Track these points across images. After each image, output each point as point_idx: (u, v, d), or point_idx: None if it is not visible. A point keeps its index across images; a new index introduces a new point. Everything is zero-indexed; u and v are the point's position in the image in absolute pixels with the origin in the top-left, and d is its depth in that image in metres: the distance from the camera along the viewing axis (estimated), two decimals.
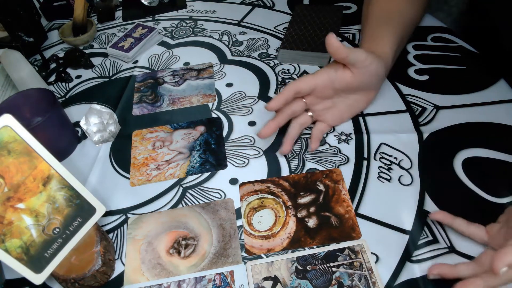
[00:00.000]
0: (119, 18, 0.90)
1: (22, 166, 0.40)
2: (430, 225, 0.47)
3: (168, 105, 0.67)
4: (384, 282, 0.43)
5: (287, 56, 0.71)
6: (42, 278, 0.41)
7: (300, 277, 0.44)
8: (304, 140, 0.58)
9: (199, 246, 0.49)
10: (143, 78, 0.74)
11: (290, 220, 0.50)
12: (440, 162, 0.53)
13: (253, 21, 0.83)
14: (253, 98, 0.66)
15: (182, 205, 0.53)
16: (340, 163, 0.55)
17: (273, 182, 0.54)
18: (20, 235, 0.40)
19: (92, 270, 0.44)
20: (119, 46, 0.78)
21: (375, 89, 0.58)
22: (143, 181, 0.57)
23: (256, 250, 0.47)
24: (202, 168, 0.57)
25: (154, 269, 0.47)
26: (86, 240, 0.46)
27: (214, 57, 0.75)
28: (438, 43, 0.69)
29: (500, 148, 0.53)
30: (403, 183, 0.51)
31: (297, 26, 0.74)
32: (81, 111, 0.67)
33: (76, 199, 0.44)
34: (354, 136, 0.58)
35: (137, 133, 0.63)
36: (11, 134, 0.39)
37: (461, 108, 0.59)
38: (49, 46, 0.85)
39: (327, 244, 0.47)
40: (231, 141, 0.60)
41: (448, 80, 0.63)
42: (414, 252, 0.45)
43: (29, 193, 0.40)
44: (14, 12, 0.77)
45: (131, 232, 0.51)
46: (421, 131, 0.57)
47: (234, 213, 0.51)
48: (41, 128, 0.54)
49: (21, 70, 0.67)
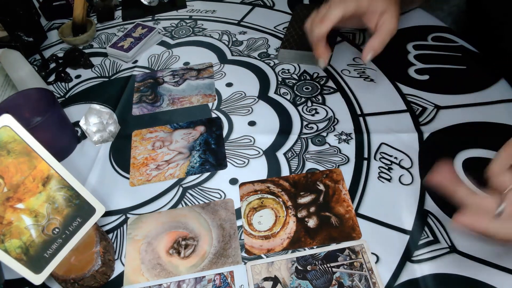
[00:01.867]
0: (119, 18, 0.90)
1: (21, 166, 0.40)
2: (430, 225, 0.47)
3: (168, 105, 0.67)
4: (384, 282, 0.43)
5: (287, 56, 0.71)
6: (42, 278, 0.41)
7: (300, 277, 0.44)
8: (304, 140, 0.58)
9: (199, 246, 0.49)
10: (143, 78, 0.73)
11: (290, 220, 0.49)
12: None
13: (253, 21, 0.83)
14: (253, 98, 0.66)
15: (182, 205, 0.53)
16: (340, 163, 0.55)
17: (273, 182, 0.54)
18: (20, 235, 0.40)
19: (92, 270, 0.44)
20: (119, 45, 0.78)
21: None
22: (143, 181, 0.57)
23: (256, 250, 0.47)
24: (202, 168, 0.57)
25: (153, 270, 0.47)
26: (86, 240, 0.46)
27: (214, 57, 0.75)
28: (438, 43, 0.69)
29: (500, 148, 0.53)
30: (404, 182, 0.51)
31: (297, 26, 0.74)
32: (80, 111, 0.66)
33: (76, 199, 0.44)
34: (354, 136, 0.58)
35: (137, 133, 0.63)
36: (10, 134, 0.39)
37: (462, 108, 0.59)
38: (48, 46, 0.85)
39: (327, 244, 0.47)
40: (231, 141, 0.60)
41: (449, 80, 0.63)
42: (415, 252, 0.45)
43: (28, 193, 0.40)
44: (14, 12, 0.77)
45: (130, 232, 0.51)
46: (422, 131, 0.56)
47: (234, 213, 0.51)
48: (40, 128, 0.54)
49: (20, 70, 0.67)
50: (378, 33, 0.52)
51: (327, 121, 0.60)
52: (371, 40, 0.52)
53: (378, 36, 0.52)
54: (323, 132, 0.59)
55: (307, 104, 0.63)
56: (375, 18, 0.52)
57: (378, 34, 0.52)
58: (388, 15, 0.52)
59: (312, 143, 0.58)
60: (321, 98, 0.64)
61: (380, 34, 0.52)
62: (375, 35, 0.52)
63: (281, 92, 0.66)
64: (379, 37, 0.52)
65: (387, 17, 0.52)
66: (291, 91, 0.66)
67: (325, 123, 0.60)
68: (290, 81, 0.68)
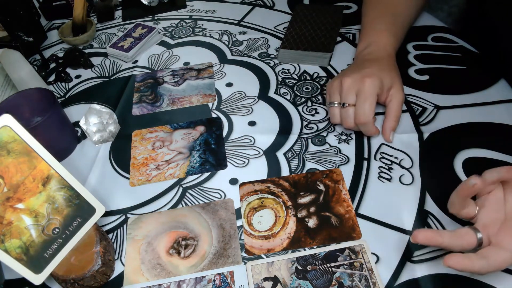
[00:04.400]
0: (119, 18, 0.90)
1: (21, 166, 0.40)
2: (430, 225, 0.47)
3: (168, 105, 0.67)
4: (384, 282, 0.43)
5: (287, 56, 0.71)
6: (42, 278, 0.41)
7: (300, 277, 0.44)
8: (304, 140, 0.58)
9: (199, 246, 0.49)
10: (143, 78, 0.73)
11: (290, 220, 0.49)
12: (441, 162, 0.53)
13: (253, 20, 0.83)
14: (253, 98, 0.66)
15: (182, 205, 0.53)
16: (340, 163, 0.55)
17: (273, 182, 0.54)
18: (20, 235, 0.40)
19: (92, 270, 0.44)
20: (119, 45, 0.78)
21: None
22: (143, 181, 0.57)
23: (256, 250, 0.47)
24: (202, 168, 0.57)
25: (154, 270, 0.47)
26: (86, 241, 0.46)
27: (214, 57, 0.75)
28: (438, 43, 0.69)
29: (500, 148, 0.53)
30: (404, 182, 0.51)
31: (297, 26, 0.74)
32: (80, 111, 0.67)
33: (76, 199, 0.44)
34: (354, 136, 0.58)
35: (137, 133, 0.63)
36: (10, 134, 0.39)
37: (462, 108, 0.59)
38: (48, 46, 0.85)
39: (327, 244, 0.47)
40: (231, 141, 0.60)
41: (449, 80, 0.63)
42: (415, 252, 0.45)
43: (28, 193, 0.40)
44: (14, 12, 0.77)
45: (130, 232, 0.51)
46: (422, 131, 0.56)
47: (234, 213, 0.51)
48: (40, 128, 0.54)
49: (20, 70, 0.67)
50: (390, 111, 0.55)
51: (327, 121, 0.60)
52: (386, 121, 0.56)
53: (391, 114, 0.55)
54: (323, 132, 0.59)
55: (307, 104, 0.63)
56: (384, 95, 0.55)
57: (390, 111, 0.55)
58: (395, 89, 0.55)
59: (312, 143, 0.58)
60: (321, 98, 0.64)
61: (392, 110, 0.55)
62: (388, 114, 0.56)
63: (281, 92, 0.66)
64: (392, 114, 0.55)
65: (394, 92, 0.55)
66: (291, 91, 0.66)
67: (325, 123, 0.60)
68: (290, 81, 0.68)
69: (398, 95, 0.55)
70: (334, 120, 0.56)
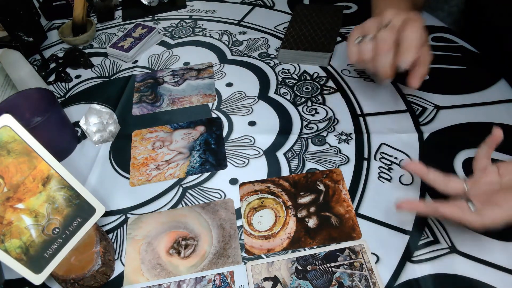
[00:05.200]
0: (119, 18, 0.90)
1: (21, 166, 0.40)
2: (430, 226, 0.47)
3: (168, 105, 0.67)
4: (384, 282, 0.43)
5: (287, 56, 0.71)
6: (42, 278, 0.41)
7: (300, 277, 0.44)
8: (304, 140, 0.58)
9: (199, 246, 0.49)
10: (143, 78, 0.73)
11: (290, 220, 0.49)
12: (441, 162, 0.53)
13: (253, 20, 0.83)
14: (253, 98, 0.66)
15: (182, 205, 0.53)
16: (340, 163, 0.55)
17: (273, 182, 0.54)
18: (20, 235, 0.40)
19: (92, 270, 0.44)
20: (119, 45, 0.78)
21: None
22: (143, 181, 0.57)
23: (256, 250, 0.47)
24: (202, 168, 0.57)
25: (154, 270, 0.47)
26: (86, 240, 0.46)
27: (214, 57, 0.75)
28: (438, 43, 0.69)
29: (500, 148, 0.53)
30: (404, 182, 0.51)
31: (297, 26, 0.74)
32: (80, 111, 0.66)
33: (76, 199, 0.44)
34: (354, 136, 0.58)
35: (137, 133, 0.63)
36: (10, 134, 0.39)
37: (462, 108, 0.59)
38: (48, 46, 0.85)
39: (327, 244, 0.47)
40: (231, 141, 0.60)
41: (449, 80, 0.63)
42: (415, 252, 0.45)
43: (28, 193, 0.40)
44: (14, 12, 0.77)
45: (131, 232, 0.51)
46: (422, 131, 0.56)
47: (234, 213, 0.51)
48: (40, 128, 0.54)
49: (20, 70, 0.67)
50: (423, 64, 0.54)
51: (327, 121, 0.60)
52: (420, 69, 0.54)
53: (423, 66, 0.54)
54: (323, 132, 0.59)
55: (307, 104, 0.63)
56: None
57: (423, 64, 0.54)
58: (425, 48, 0.54)
59: (312, 143, 0.58)
60: (321, 98, 0.64)
61: (425, 64, 0.54)
62: (421, 65, 0.54)
63: (281, 92, 0.66)
64: (424, 67, 0.54)
65: (425, 50, 0.54)
66: (291, 91, 0.66)
67: (325, 123, 0.60)
68: (290, 81, 0.68)
69: (428, 54, 0.53)
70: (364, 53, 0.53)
